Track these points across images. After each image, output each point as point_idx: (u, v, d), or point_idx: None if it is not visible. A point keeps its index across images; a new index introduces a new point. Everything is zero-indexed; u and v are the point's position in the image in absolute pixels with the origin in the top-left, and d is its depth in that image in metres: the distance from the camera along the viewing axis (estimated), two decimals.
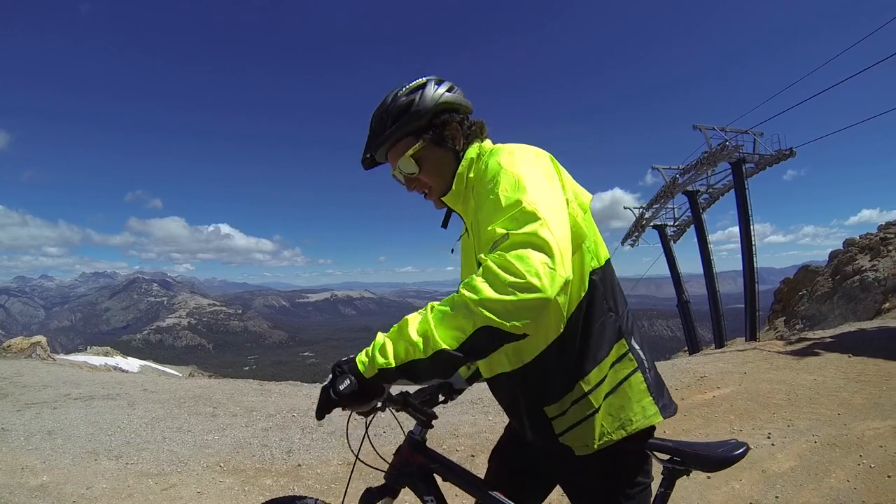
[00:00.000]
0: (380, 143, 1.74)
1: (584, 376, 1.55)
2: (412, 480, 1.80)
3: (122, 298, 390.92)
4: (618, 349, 1.59)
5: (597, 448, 1.57)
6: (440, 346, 1.22)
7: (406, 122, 1.68)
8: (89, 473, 5.19)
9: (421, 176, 1.74)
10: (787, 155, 25.11)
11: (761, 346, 12.12)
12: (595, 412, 1.55)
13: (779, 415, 6.23)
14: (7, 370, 12.29)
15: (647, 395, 1.62)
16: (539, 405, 1.62)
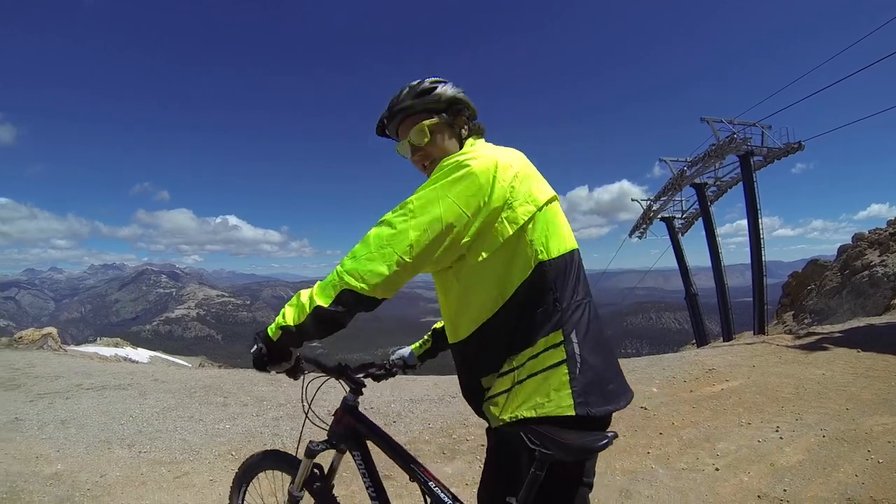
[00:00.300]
0: (401, 110, 1.96)
1: (515, 354, 1.71)
2: (345, 438, 2.15)
3: (132, 290, 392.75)
4: (552, 338, 1.69)
5: (506, 421, 1.69)
6: (315, 303, 1.66)
7: (428, 100, 1.94)
8: (103, 461, 5.26)
9: (428, 147, 1.94)
10: (795, 148, 24.88)
11: (770, 340, 12.09)
12: (512, 387, 1.70)
13: (787, 408, 6.23)
14: (19, 361, 12.42)
15: (566, 388, 1.67)
16: (477, 376, 1.81)
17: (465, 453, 5.33)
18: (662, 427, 5.85)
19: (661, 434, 5.65)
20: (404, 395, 7.76)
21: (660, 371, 8.57)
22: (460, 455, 5.29)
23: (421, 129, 1.93)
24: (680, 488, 4.34)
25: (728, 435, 5.52)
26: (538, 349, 1.68)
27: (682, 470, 4.72)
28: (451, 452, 5.35)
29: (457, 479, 4.74)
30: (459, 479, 4.71)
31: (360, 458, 2.12)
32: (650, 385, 7.67)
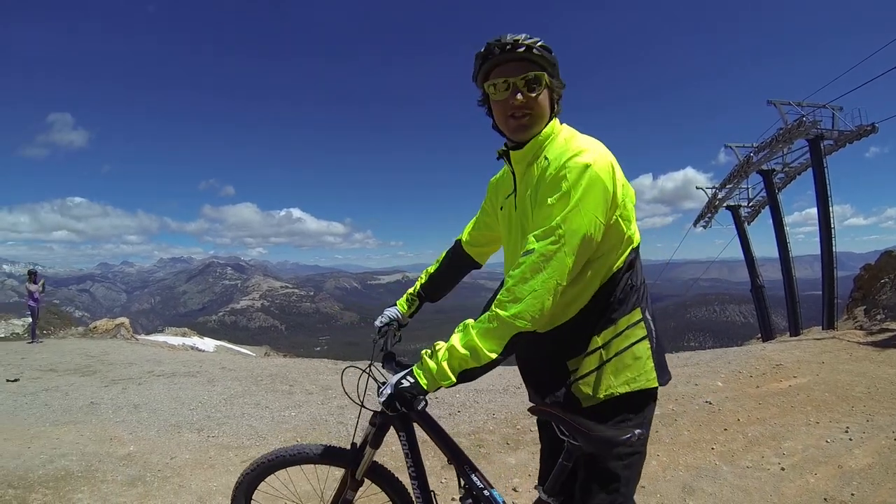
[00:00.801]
0: (526, 49, 1.78)
1: (599, 333, 1.82)
2: (395, 420, 2.16)
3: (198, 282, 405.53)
4: (633, 315, 1.84)
5: (602, 398, 1.79)
6: (489, 357, 1.65)
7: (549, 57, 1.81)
8: (173, 444, 5.52)
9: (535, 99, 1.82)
10: (868, 131, 23.74)
11: (840, 336, 11.68)
12: (604, 364, 1.80)
13: (857, 408, 6.04)
14: (94, 349, 13.10)
15: (650, 362, 1.85)
16: (563, 359, 1.86)
17: (528, 444, 5.35)
18: (727, 423, 5.75)
19: (726, 430, 5.55)
20: (469, 384, 7.81)
21: (725, 365, 8.39)
22: (524, 446, 5.33)
23: (538, 76, 1.81)
24: (744, 487, 4.28)
25: (795, 434, 5.38)
26: (620, 327, 1.82)
27: (747, 468, 4.63)
28: (515, 443, 5.39)
29: (520, 469, 4.78)
30: (523, 470, 4.75)
31: (406, 438, 2.17)
32: (715, 379, 7.53)
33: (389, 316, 2.56)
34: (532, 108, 1.82)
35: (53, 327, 20.21)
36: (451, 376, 1.68)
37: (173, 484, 4.54)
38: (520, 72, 1.80)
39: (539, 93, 1.82)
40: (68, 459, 4.96)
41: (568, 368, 1.84)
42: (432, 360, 1.72)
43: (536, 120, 1.84)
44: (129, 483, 4.53)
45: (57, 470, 4.69)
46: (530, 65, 1.80)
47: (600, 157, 1.69)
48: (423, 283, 2.63)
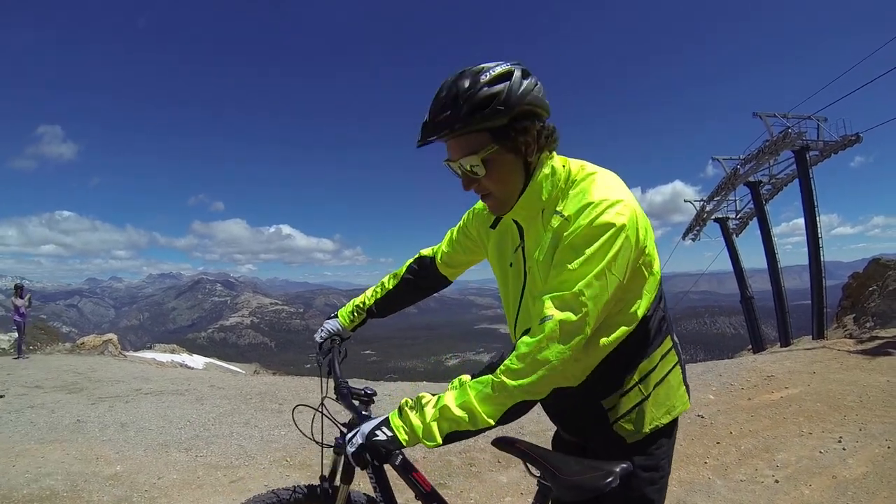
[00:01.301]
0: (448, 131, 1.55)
1: (635, 369, 1.71)
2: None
3: (188, 298, 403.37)
4: (665, 345, 1.77)
5: (647, 432, 1.71)
6: (487, 423, 1.49)
7: (484, 118, 1.52)
8: (160, 464, 5.44)
9: (485, 180, 1.62)
10: (853, 140, 24.01)
11: (830, 345, 11.75)
12: (645, 399, 1.72)
13: (850, 418, 6.04)
14: (81, 366, 12.96)
15: (682, 386, 1.83)
16: (596, 399, 1.74)
17: (519, 463, 5.28)
18: (720, 436, 5.74)
19: (719, 443, 5.54)
20: None
21: (716, 378, 8.39)
22: (515, 464, 5.28)
23: (473, 160, 1.59)
24: (738, 500, 4.25)
25: (788, 445, 5.38)
26: (655, 360, 1.74)
27: (741, 481, 4.62)
28: (507, 461, 5.34)
29: (511, 487, 4.74)
30: (514, 489, 4.71)
31: (372, 471, 1.98)
32: (706, 392, 7.53)
33: (329, 330, 2.37)
34: (489, 188, 1.66)
35: (40, 343, 19.98)
36: (438, 438, 1.51)
37: None
38: (458, 153, 1.60)
39: (487, 170, 1.60)
40: (53, 479, 4.89)
41: (604, 408, 1.73)
42: (417, 415, 1.55)
43: (503, 197, 1.67)
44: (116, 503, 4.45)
45: (41, 489, 4.62)
46: (469, 139, 1.57)
47: (627, 211, 1.50)
48: (378, 297, 2.40)
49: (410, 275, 2.37)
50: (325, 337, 2.36)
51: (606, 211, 1.48)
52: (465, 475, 5.05)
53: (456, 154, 1.60)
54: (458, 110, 1.52)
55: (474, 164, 1.59)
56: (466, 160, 1.59)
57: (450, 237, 2.27)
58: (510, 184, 1.64)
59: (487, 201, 1.70)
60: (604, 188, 1.55)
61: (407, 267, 2.40)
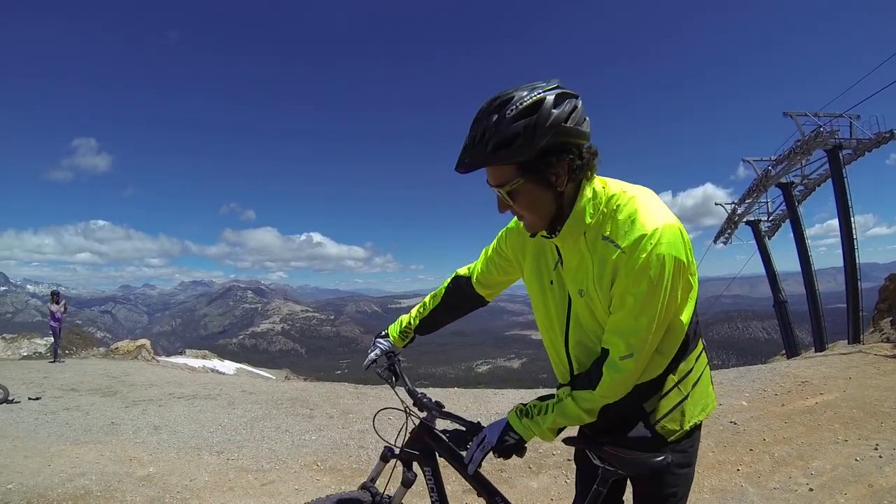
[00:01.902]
0: (477, 164, 1.65)
1: (674, 371, 1.86)
2: (419, 454, 2.23)
3: (219, 305, 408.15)
4: (698, 348, 1.94)
5: (687, 430, 1.87)
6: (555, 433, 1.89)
7: (510, 154, 1.59)
8: (192, 466, 5.55)
9: (515, 207, 1.72)
10: (887, 138, 23.39)
11: (866, 350, 11.46)
12: (685, 399, 1.87)
13: (887, 425, 5.89)
14: (115, 370, 13.22)
15: (711, 384, 2.00)
16: (639, 402, 1.86)
17: (550, 468, 5.29)
18: (753, 443, 5.64)
19: (752, 450, 5.45)
20: (490, 408, 7.79)
21: (749, 383, 8.26)
22: (546, 470, 5.26)
23: (502, 192, 1.68)
24: None
25: (823, 453, 5.26)
26: (691, 362, 1.90)
27: (774, 489, 4.53)
28: (537, 467, 5.32)
29: (542, 493, 4.73)
30: (545, 494, 4.70)
31: (431, 473, 2.21)
32: (739, 398, 7.40)
33: (383, 348, 2.49)
34: (521, 213, 1.74)
35: (76, 347, 20.44)
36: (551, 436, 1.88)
37: None
38: (490, 179, 1.71)
39: (515, 200, 1.69)
40: (88, 479, 5.01)
41: (645, 410, 1.87)
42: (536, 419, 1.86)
43: (536, 221, 1.74)
44: None
45: (76, 489, 4.74)
46: (499, 171, 1.66)
47: (678, 236, 1.62)
48: (423, 317, 2.50)
49: (448, 296, 2.45)
50: (380, 354, 2.49)
51: (661, 243, 1.59)
52: (496, 481, 5.01)
53: (490, 180, 1.71)
54: (485, 146, 1.60)
55: (503, 194, 1.68)
56: (497, 189, 1.69)
57: (484, 256, 2.32)
58: (540, 210, 1.71)
59: (524, 221, 1.78)
60: (651, 214, 1.64)
61: (445, 287, 2.47)
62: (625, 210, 1.67)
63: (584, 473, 2.13)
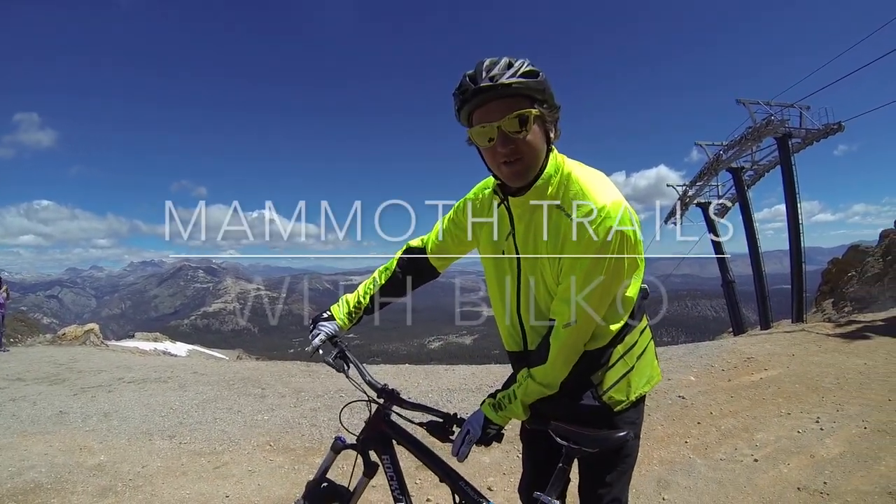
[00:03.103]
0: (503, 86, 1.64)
1: (619, 344, 1.94)
2: (374, 442, 2.22)
3: (170, 285, 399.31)
4: (643, 323, 2.03)
5: (633, 400, 1.96)
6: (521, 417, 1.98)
7: (536, 84, 1.68)
8: (144, 452, 5.44)
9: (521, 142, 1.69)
10: (835, 129, 24.09)
11: (809, 329, 11.91)
12: (630, 371, 1.95)
13: (828, 399, 6.14)
14: (63, 357, 12.81)
15: (655, 359, 2.08)
16: (586, 374, 1.93)
17: (502, 443, 5.36)
18: (700, 416, 5.82)
19: (699, 423, 5.61)
20: (441, 384, 7.81)
21: (697, 359, 8.50)
22: (497, 445, 5.33)
23: (523, 115, 1.66)
24: (718, 479, 4.32)
25: (767, 425, 5.46)
26: (636, 335, 1.98)
27: (721, 461, 4.69)
28: None
29: (494, 468, 4.79)
30: (497, 469, 4.76)
31: (389, 461, 2.20)
32: (687, 374, 7.61)
33: (328, 333, 2.33)
34: (523, 152, 1.71)
35: (20, 335, 19.72)
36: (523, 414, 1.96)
37: (145, 493, 4.49)
38: (503, 113, 1.67)
39: (527, 132, 1.68)
40: (37, 471, 4.87)
41: (592, 382, 1.94)
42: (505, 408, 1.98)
43: (531, 164, 1.75)
44: (100, 494, 4.46)
45: (26, 483, 4.60)
46: (514, 101, 1.67)
47: (625, 215, 1.69)
48: (371, 293, 2.39)
49: (400, 268, 2.39)
50: (325, 339, 2.33)
51: (610, 217, 1.67)
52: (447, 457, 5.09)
53: (498, 114, 1.68)
54: (514, 72, 1.65)
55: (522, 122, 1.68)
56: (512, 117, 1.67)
57: (440, 227, 2.31)
58: (539, 152, 1.76)
59: (514, 167, 1.75)
60: (603, 192, 1.73)
61: (397, 260, 2.41)
62: (579, 184, 1.76)
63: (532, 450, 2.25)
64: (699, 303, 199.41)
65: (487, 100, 1.68)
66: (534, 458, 2.26)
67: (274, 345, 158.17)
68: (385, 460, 2.20)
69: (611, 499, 2.01)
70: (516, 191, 1.84)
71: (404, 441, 2.19)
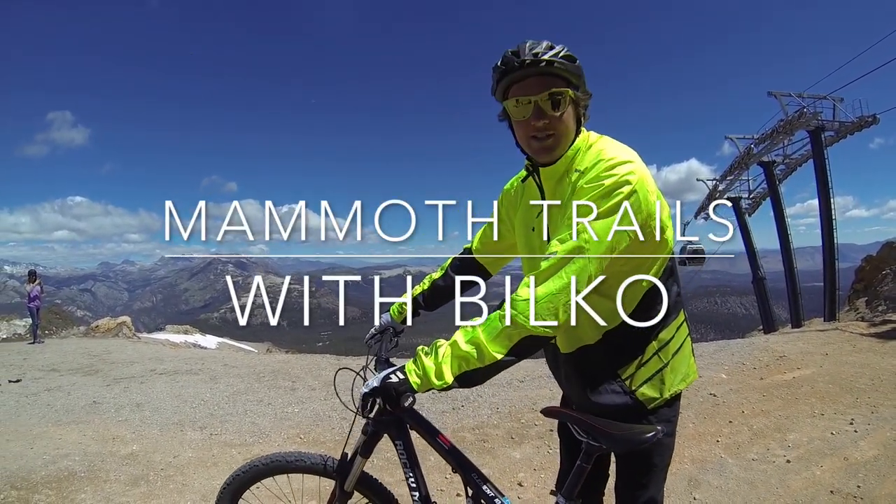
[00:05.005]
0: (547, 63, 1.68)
1: (655, 338, 1.84)
2: (388, 426, 2.10)
3: (200, 279, 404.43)
4: (680, 316, 1.92)
5: (667, 398, 1.85)
6: (494, 358, 1.57)
7: (573, 68, 1.72)
8: (176, 443, 5.53)
9: (557, 118, 1.73)
10: (869, 122, 23.57)
11: (842, 327, 11.67)
12: (664, 367, 1.84)
13: (862, 400, 6.02)
14: (96, 348, 13.10)
15: (692, 356, 1.98)
16: (613, 369, 1.84)
17: (533, 438, 5.34)
18: (732, 415, 5.74)
19: (731, 422, 5.54)
20: None
21: (728, 357, 8.38)
22: (528, 440, 5.31)
23: (560, 93, 1.71)
24: (749, 480, 4.26)
25: (800, 426, 5.37)
26: (672, 330, 1.87)
27: (752, 461, 4.62)
28: (520, 437, 5.37)
29: (525, 463, 4.78)
30: (527, 464, 4.75)
31: (403, 447, 2.08)
32: (719, 371, 7.51)
33: (383, 323, 2.49)
34: (556, 128, 1.74)
35: (55, 327, 20.21)
36: (448, 377, 1.60)
37: (176, 483, 4.55)
38: (541, 89, 1.71)
39: (563, 111, 1.73)
40: (71, 460, 4.96)
41: (620, 377, 1.84)
42: (429, 357, 1.65)
43: (561, 140, 1.77)
44: (132, 482, 4.54)
45: (60, 470, 4.69)
46: (553, 80, 1.71)
47: (635, 169, 1.63)
48: (424, 289, 2.47)
49: (452, 269, 2.44)
50: (378, 331, 2.48)
51: (616, 164, 1.62)
52: (479, 451, 5.10)
53: (537, 89, 1.71)
54: (556, 53, 1.69)
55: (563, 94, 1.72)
56: (550, 91, 1.70)
57: (485, 226, 2.33)
58: (571, 130, 1.78)
59: (547, 142, 1.77)
60: (618, 149, 1.70)
61: (451, 260, 2.48)
62: (597, 148, 1.74)
63: (568, 447, 2.14)
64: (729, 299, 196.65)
65: (528, 75, 1.71)
66: (569, 454, 2.15)
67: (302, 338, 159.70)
68: (398, 446, 2.08)
69: (646, 499, 1.94)
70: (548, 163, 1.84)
71: (416, 425, 2.07)
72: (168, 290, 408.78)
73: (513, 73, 1.72)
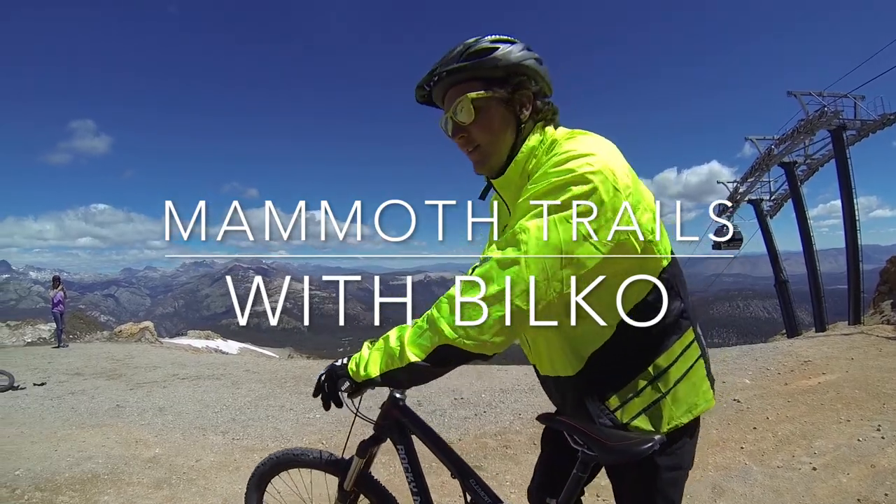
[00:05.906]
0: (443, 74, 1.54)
1: (651, 364, 1.56)
2: (391, 431, 2.12)
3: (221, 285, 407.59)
4: (687, 337, 1.60)
5: (665, 432, 1.56)
6: (408, 359, 1.43)
7: (480, 64, 1.51)
8: (198, 447, 5.59)
9: (472, 127, 1.56)
10: (892, 119, 23.12)
11: (868, 331, 11.48)
12: (663, 397, 1.56)
13: (889, 406, 5.90)
14: (119, 353, 13.28)
15: (706, 381, 1.65)
16: (601, 399, 1.60)
17: None
18: (756, 421, 5.66)
19: (755, 429, 5.47)
20: (494, 384, 7.78)
21: (752, 362, 8.29)
22: None
23: (465, 103, 1.52)
24: (775, 487, 4.20)
25: (826, 432, 5.28)
26: (674, 354, 1.57)
27: (778, 468, 4.55)
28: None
29: None
30: None
31: (404, 451, 2.07)
32: (742, 376, 7.43)
33: None
34: (475, 138, 1.57)
35: (79, 332, 20.54)
36: (374, 371, 1.53)
37: (199, 486, 4.60)
38: (451, 100, 1.56)
39: (477, 118, 1.54)
40: (94, 462, 5.03)
41: (608, 408, 1.59)
42: (370, 348, 1.60)
43: (489, 149, 1.59)
44: (155, 485, 4.58)
45: (83, 472, 4.76)
46: (467, 86, 1.54)
47: (595, 162, 1.37)
48: None
49: None
50: None
51: (570, 161, 1.38)
52: (501, 457, 5.09)
53: (450, 103, 1.57)
54: (458, 56, 1.53)
55: (465, 109, 1.54)
56: (459, 104, 1.54)
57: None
58: (498, 135, 1.57)
59: (473, 156, 1.62)
60: (578, 143, 1.47)
61: None
62: (560, 144, 1.52)
63: (547, 456, 1.99)
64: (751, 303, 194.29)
65: (443, 90, 1.58)
66: (550, 459, 1.97)
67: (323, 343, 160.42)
68: (400, 450, 2.07)
69: None
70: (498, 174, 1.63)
71: (417, 430, 2.05)
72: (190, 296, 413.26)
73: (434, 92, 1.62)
